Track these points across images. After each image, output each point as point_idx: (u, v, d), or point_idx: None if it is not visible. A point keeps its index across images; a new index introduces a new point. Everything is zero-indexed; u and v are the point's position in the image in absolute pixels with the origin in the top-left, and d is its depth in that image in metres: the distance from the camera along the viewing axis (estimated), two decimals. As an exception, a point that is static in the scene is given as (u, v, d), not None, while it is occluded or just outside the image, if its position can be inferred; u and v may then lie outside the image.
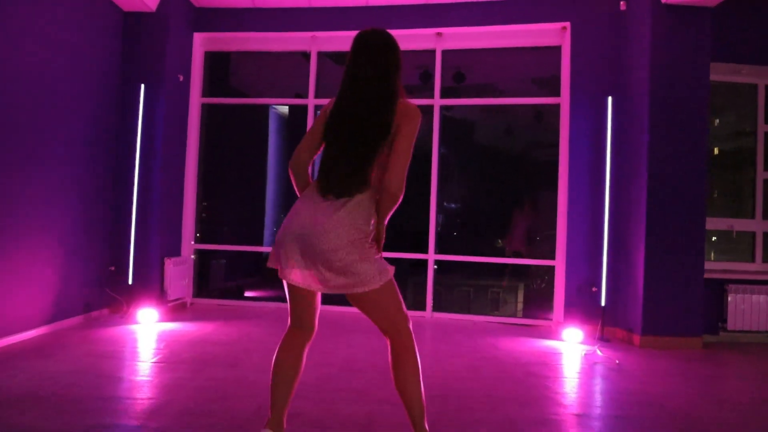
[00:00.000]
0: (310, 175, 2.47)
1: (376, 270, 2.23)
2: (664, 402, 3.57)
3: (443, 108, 6.68)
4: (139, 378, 3.72)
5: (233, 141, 7.77)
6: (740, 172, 6.32)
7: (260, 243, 7.87)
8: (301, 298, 2.36)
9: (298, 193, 2.43)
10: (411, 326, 2.36)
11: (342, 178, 2.24)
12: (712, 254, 6.15)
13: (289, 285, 2.34)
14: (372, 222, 2.29)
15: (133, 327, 5.31)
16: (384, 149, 2.24)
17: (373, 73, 2.28)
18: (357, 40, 2.35)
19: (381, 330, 2.37)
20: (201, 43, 6.91)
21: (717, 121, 6.46)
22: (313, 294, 2.37)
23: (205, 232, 7.14)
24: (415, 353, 2.34)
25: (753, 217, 6.05)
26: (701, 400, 3.66)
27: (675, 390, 3.88)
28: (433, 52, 6.66)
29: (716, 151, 6.46)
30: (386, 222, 2.36)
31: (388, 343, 2.36)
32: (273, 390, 2.34)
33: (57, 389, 3.35)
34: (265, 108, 7.83)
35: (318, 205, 2.24)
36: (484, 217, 7.60)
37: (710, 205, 6.05)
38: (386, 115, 2.22)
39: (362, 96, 2.27)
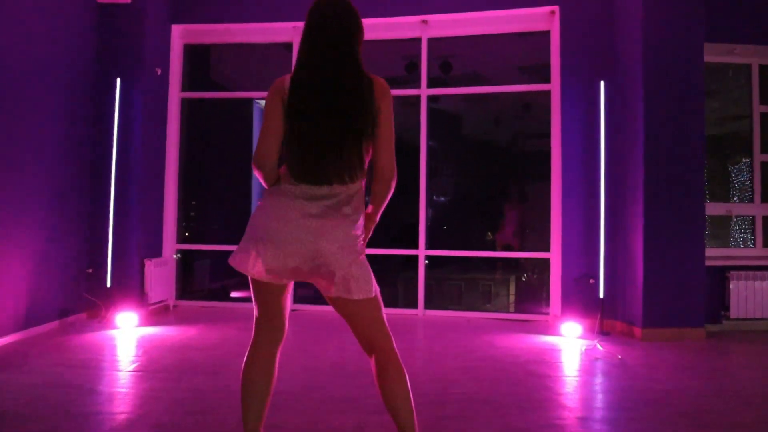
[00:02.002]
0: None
1: (369, 278, 2.01)
2: (671, 399, 3.37)
3: (430, 99, 6.45)
4: (112, 389, 3.47)
5: (216, 137, 7.52)
6: (728, 157, 6.18)
7: (246, 242, 7.61)
8: (273, 296, 2.10)
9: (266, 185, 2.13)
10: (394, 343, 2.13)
11: (322, 159, 1.97)
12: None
13: (257, 284, 2.08)
14: (362, 217, 2.06)
15: (112, 332, 5.06)
16: (369, 129, 1.99)
17: (337, 42, 2.03)
18: (315, 8, 2.09)
19: (364, 345, 2.13)
20: (180, 35, 6.64)
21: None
22: (284, 291, 2.12)
23: (188, 232, 6.88)
24: (401, 365, 2.08)
25: (752, 200, 5.88)
26: (710, 396, 3.46)
27: (682, 386, 3.68)
28: (418, 40, 6.43)
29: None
30: (378, 217, 2.13)
31: (373, 359, 2.11)
32: (244, 405, 2.11)
33: (18, 405, 3.09)
34: (249, 103, 7.56)
35: (299, 200, 1.99)
36: (475, 209, 7.41)
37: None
38: (364, 90, 1.98)
39: (328, 62, 2.00)
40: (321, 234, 1.94)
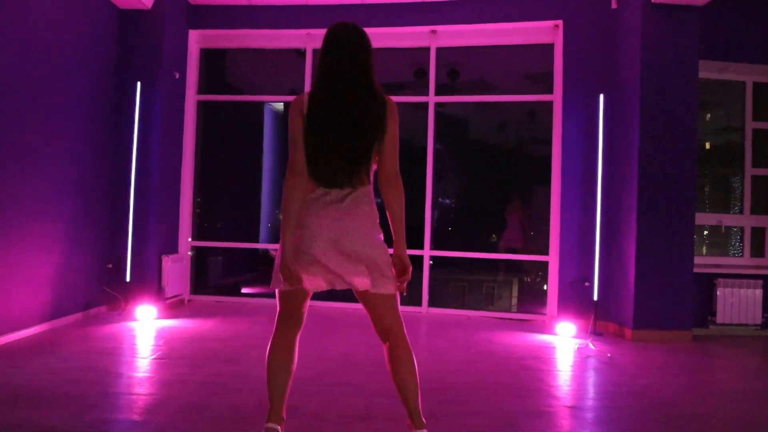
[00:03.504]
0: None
1: (392, 272, 2.36)
2: (652, 393, 3.67)
3: (437, 104, 6.74)
4: (139, 374, 3.78)
5: (229, 138, 7.82)
6: (729, 167, 6.43)
7: (256, 240, 7.94)
8: (300, 299, 2.43)
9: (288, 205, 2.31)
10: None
11: (342, 169, 2.30)
12: (704, 249, 6.29)
13: (285, 294, 2.40)
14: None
15: (132, 324, 5.37)
16: (376, 144, 2.33)
17: (354, 66, 2.34)
18: (331, 35, 2.39)
19: (380, 329, 2.43)
20: (196, 40, 6.94)
21: (708, 116, 6.56)
22: (307, 298, 2.46)
23: (201, 229, 7.18)
24: (410, 349, 2.42)
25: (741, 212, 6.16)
26: (687, 392, 3.75)
27: (663, 382, 3.97)
28: (427, 49, 6.72)
29: (707, 146, 6.57)
30: (403, 233, 2.40)
31: (387, 343, 2.43)
32: (270, 386, 2.41)
33: (59, 385, 3.41)
34: (261, 105, 7.88)
35: (327, 206, 2.31)
36: (479, 212, 7.68)
37: (701, 201, 6.19)
38: (376, 109, 2.31)
39: (347, 89, 2.32)
40: (349, 231, 2.29)
